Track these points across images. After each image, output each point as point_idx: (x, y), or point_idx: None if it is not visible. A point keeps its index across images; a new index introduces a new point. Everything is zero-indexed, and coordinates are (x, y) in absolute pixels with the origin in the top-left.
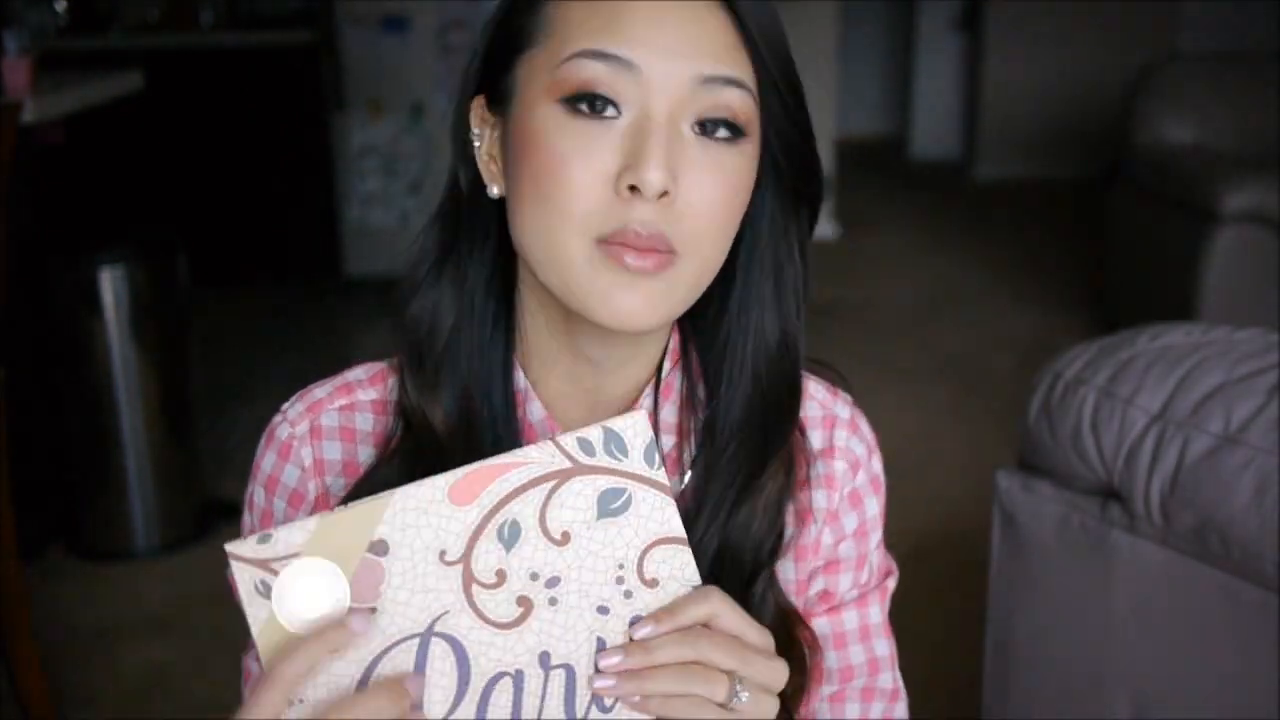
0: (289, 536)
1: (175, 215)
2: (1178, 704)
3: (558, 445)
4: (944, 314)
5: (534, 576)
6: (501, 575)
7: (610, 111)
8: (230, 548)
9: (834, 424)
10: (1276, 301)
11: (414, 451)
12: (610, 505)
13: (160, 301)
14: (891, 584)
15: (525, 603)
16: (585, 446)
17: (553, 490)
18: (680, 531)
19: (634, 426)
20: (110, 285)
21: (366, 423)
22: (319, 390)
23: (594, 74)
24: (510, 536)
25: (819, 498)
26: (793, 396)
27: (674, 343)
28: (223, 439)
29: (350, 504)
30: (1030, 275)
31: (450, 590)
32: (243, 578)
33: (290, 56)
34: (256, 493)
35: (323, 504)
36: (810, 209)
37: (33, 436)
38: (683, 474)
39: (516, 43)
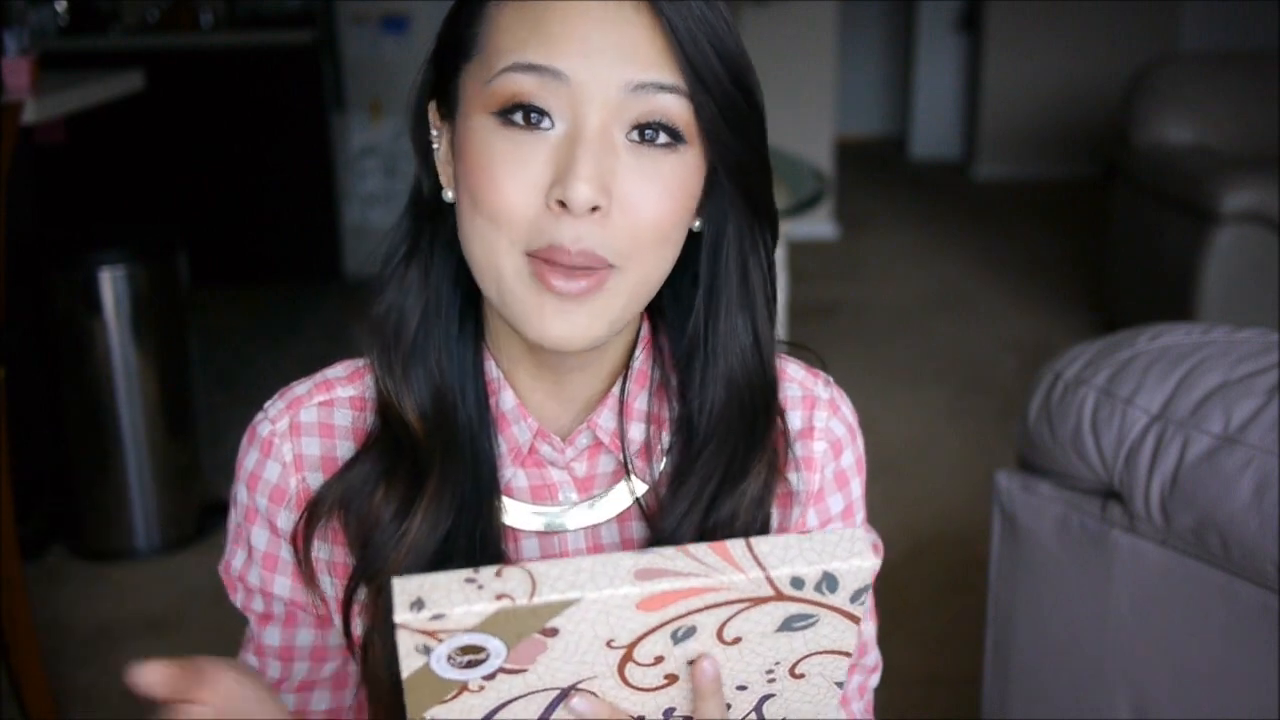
0: (462, 618)
1: (175, 215)
2: (1178, 703)
3: (770, 579)
4: (944, 314)
5: (690, 663)
6: (660, 659)
7: (544, 123)
8: (399, 619)
9: (814, 405)
10: (1276, 301)
11: (392, 447)
12: (794, 623)
13: (160, 301)
14: (877, 562)
15: (671, 678)
16: (797, 583)
17: (745, 609)
18: (851, 647)
19: (856, 574)
20: (110, 285)
21: (345, 418)
22: (299, 388)
23: (521, 86)
24: (683, 636)
25: (797, 479)
26: (769, 396)
27: (645, 330)
28: (223, 439)
29: (535, 599)
30: (1030, 275)
31: (605, 665)
32: (406, 638)
33: (290, 56)
34: (239, 490)
35: (302, 500)
36: (769, 216)
37: (33, 436)
38: (660, 459)
39: (459, 52)
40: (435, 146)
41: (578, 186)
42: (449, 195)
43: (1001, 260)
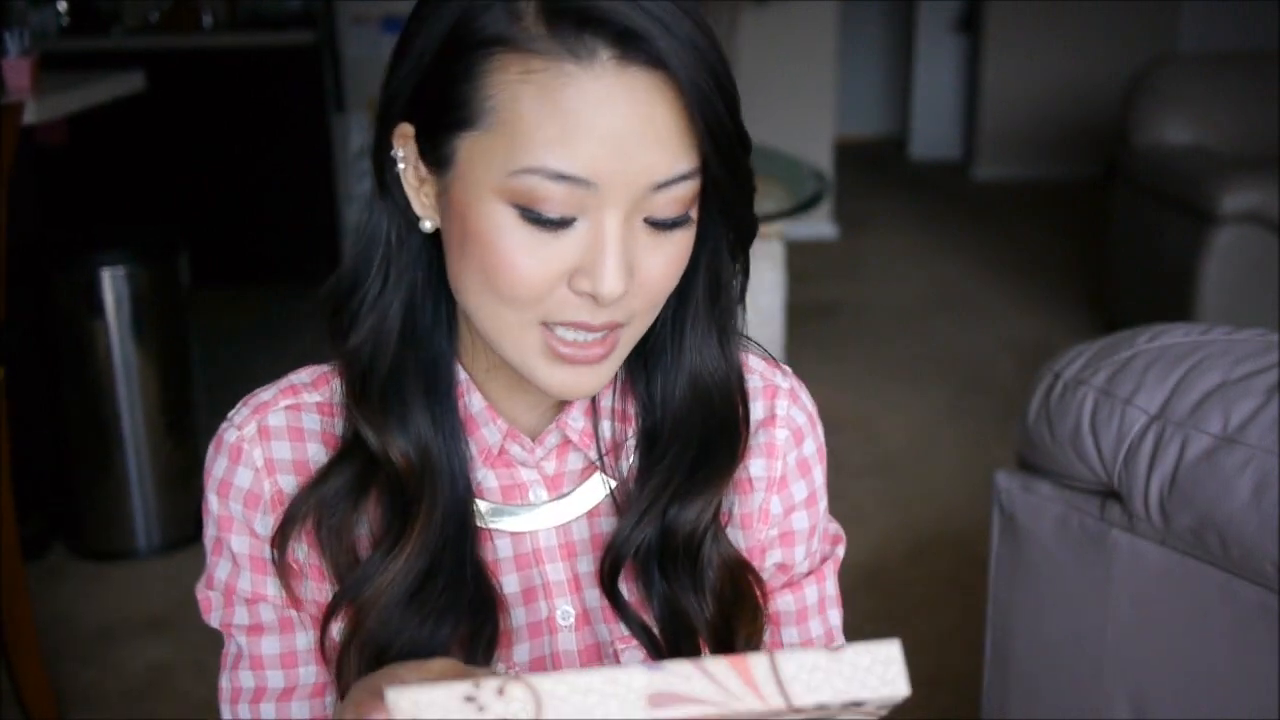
0: None
1: (176, 215)
2: (1177, 703)
3: (793, 708)
4: (944, 314)
5: None
6: None
7: (569, 223)
8: None
9: (775, 393)
10: (1276, 301)
11: (368, 469)
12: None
13: (160, 301)
14: (841, 551)
15: None
16: (821, 708)
17: (764, 715)
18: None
19: (887, 700)
20: (111, 285)
21: (313, 422)
22: (264, 394)
23: (550, 194)
24: None
25: (758, 466)
26: (737, 398)
27: None
28: None
29: None
30: (1030, 275)
31: None
32: None
33: (290, 57)
34: (211, 500)
35: (277, 504)
36: (748, 229)
37: (33, 436)
38: (627, 456)
39: (457, 113)
40: (401, 168)
41: (609, 283)
42: (427, 226)
43: (1001, 260)
